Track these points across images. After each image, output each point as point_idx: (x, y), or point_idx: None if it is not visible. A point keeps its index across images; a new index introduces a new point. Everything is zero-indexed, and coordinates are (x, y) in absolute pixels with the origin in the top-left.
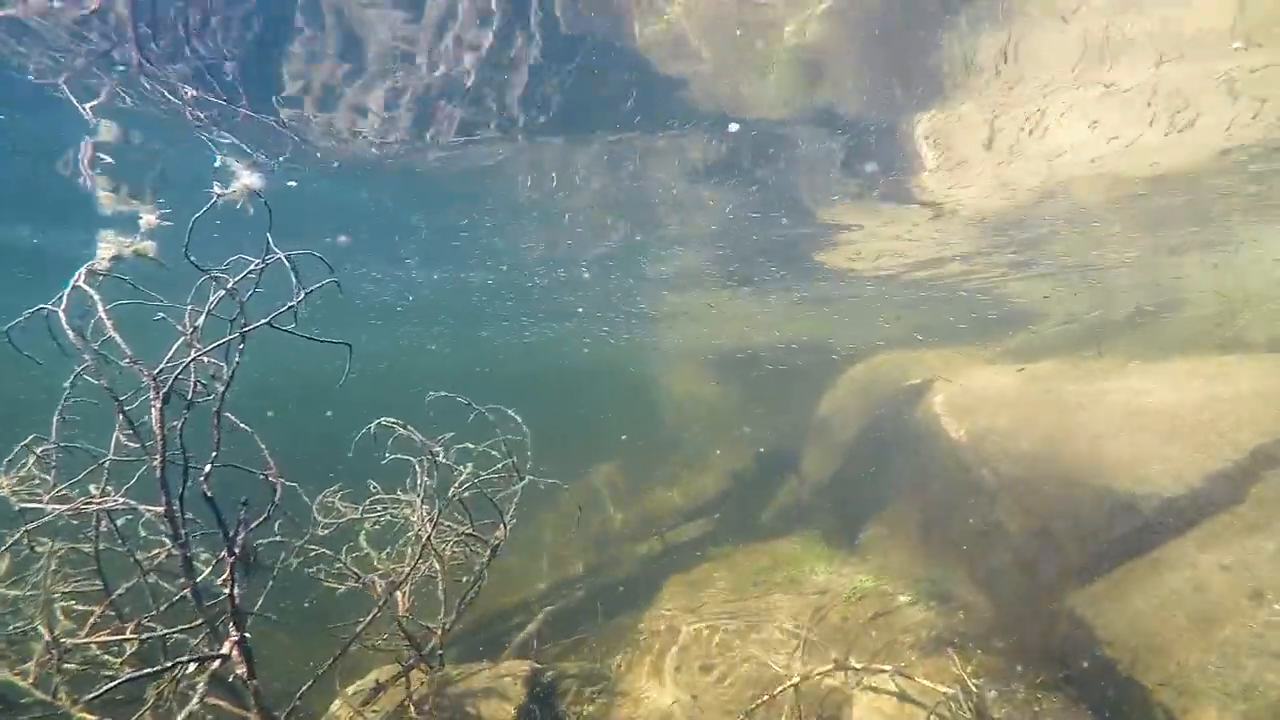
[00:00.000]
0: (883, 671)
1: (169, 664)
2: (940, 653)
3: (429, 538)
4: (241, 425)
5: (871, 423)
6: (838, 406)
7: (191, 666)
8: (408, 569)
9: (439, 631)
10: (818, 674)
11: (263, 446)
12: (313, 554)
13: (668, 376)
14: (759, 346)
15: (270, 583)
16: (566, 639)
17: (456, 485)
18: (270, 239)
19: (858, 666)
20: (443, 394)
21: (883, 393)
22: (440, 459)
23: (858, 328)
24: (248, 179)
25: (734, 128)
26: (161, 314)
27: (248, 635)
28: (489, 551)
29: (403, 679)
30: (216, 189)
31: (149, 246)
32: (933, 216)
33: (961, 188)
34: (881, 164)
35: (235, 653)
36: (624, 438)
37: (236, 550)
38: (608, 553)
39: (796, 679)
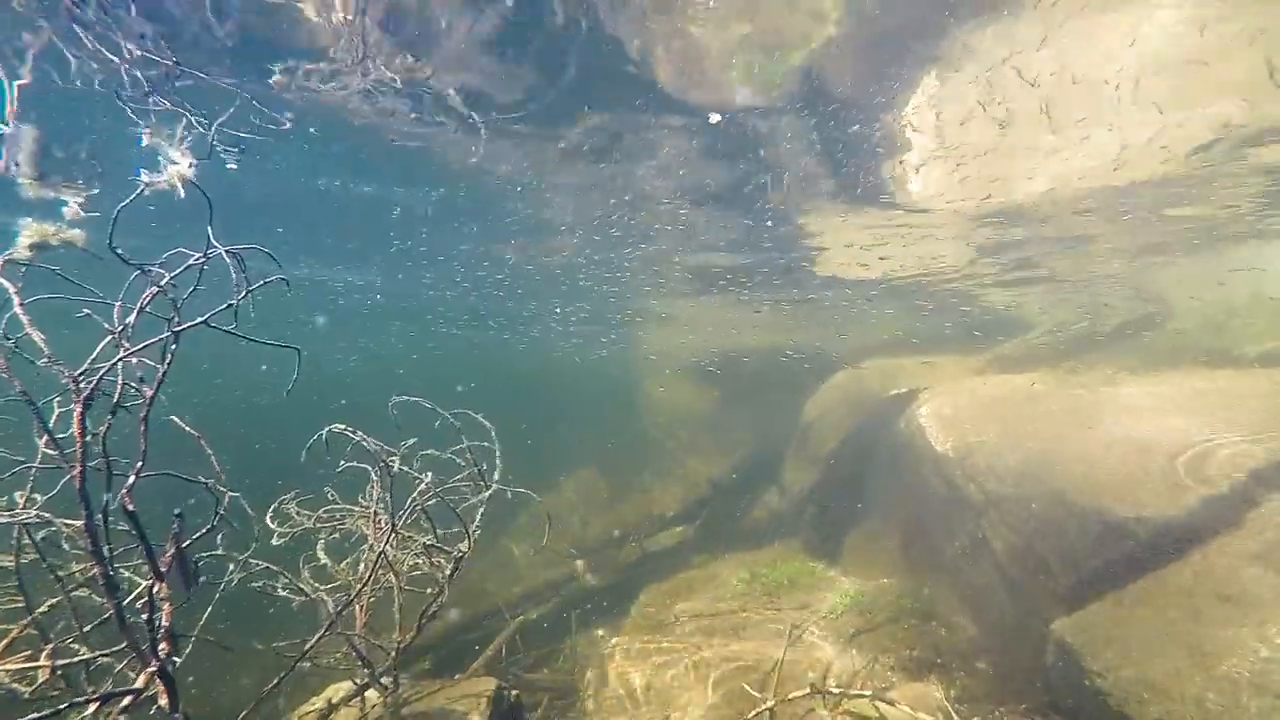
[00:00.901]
0: (862, 697)
1: (64, 705)
2: (922, 675)
3: (381, 552)
4: (189, 431)
5: (854, 432)
6: (820, 414)
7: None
8: (359, 585)
9: (393, 651)
10: (794, 697)
11: (210, 453)
12: (259, 568)
13: (648, 382)
14: (740, 351)
15: (215, 598)
16: (539, 649)
17: (417, 495)
18: (210, 233)
19: (835, 691)
20: (409, 399)
21: (866, 401)
22: (402, 468)
23: (841, 333)
24: (181, 165)
25: (715, 118)
26: (87, 310)
27: (176, 660)
28: (452, 565)
29: (357, 698)
30: (145, 177)
31: (78, 235)
32: (916, 214)
33: (951, 188)
34: (865, 159)
35: (155, 682)
36: (610, 445)
37: (162, 568)
38: (583, 560)
39: (771, 703)
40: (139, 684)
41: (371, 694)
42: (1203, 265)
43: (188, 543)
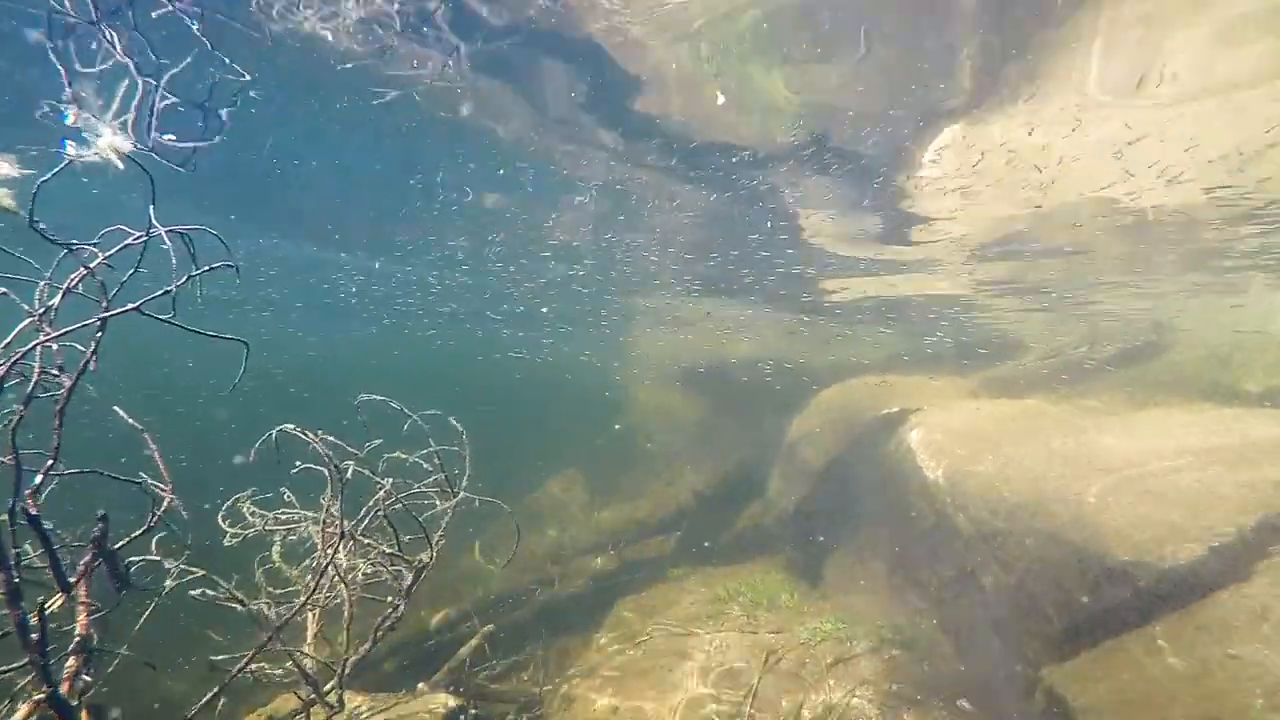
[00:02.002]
0: None
1: None
2: (902, 711)
3: (329, 563)
4: (135, 425)
5: (843, 451)
6: (808, 431)
7: None
8: (304, 597)
9: (339, 669)
10: None
11: (153, 449)
12: (196, 575)
13: (636, 388)
14: (729, 361)
15: (153, 605)
16: (509, 658)
17: (376, 501)
18: (152, 211)
19: None
20: (376, 398)
21: (856, 420)
22: (365, 471)
23: (832, 347)
24: (113, 137)
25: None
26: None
27: (87, 678)
28: (412, 575)
29: (300, 715)
30: (71, 149)
31: (3, 195)
32: (922, 240)
33: (961, 210)
34: (877, 190)
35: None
36: (598, 442)
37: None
38: (561, 566)
39: None
40: (20, 713)
41: (317, 710)
42: (1207, 296)
43: (121, 544)
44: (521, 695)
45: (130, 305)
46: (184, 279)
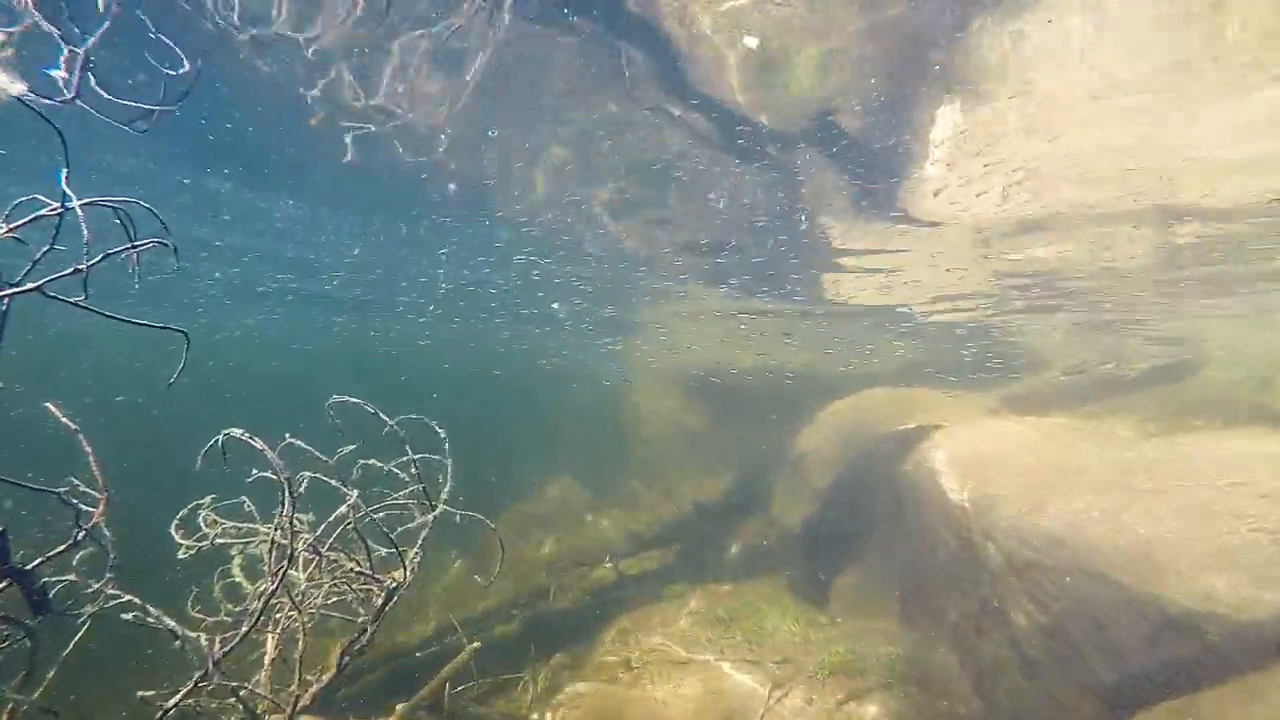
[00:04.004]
0: None
1: None
2: None
3: (276, 588)
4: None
5: (851, 468)
6: (816, 445)
7: None
8: (248, 625)
9: (290, 709)
10: None
11: (89, 453)
12: (122, 600)
13: (636, 395)
14: (733, 369)
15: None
16: (495, 677)
17: (342, 515)
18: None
19: None
20: (350, 400)
21: (866, 435)
22: (336, 482)
23: (843, 357)
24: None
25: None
26: None
27: None
28: (383, 597)
29: None
30: None
31: None
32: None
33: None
34: (885, 174)
35: None
36: (592, 457)
37: None
38: (555, 578)
39: None
40: None
41: None
42: (1243, 309)
43: (37, 562)
44: (515, 716)
45: (32, 284)
46: (98, 258)
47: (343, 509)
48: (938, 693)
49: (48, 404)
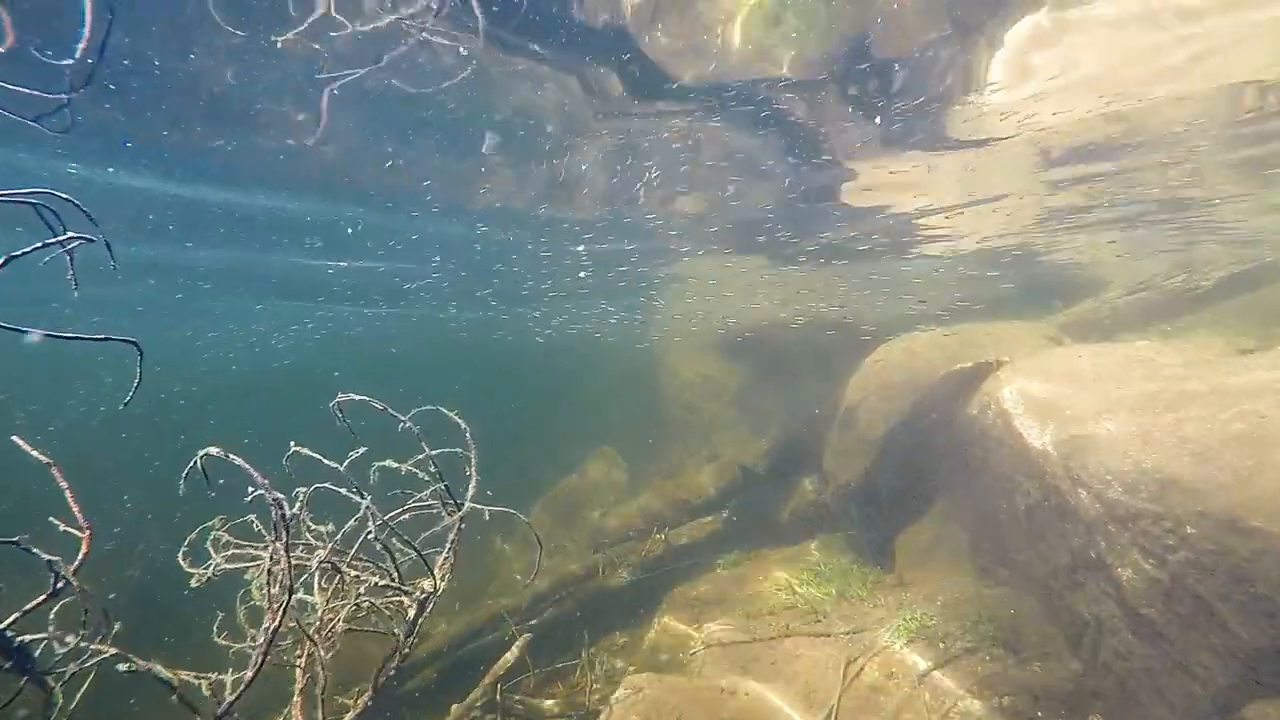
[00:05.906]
0: None
1: None
2: None
3: (275, 628)
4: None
5: (907, 416)
6: (865, 395)
7: None
8: (252, 671)
9: None
10: None
11: (65, 486)
12: (107, 654)
13: (672, 356)
14: (775, 321)
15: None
16: (549, 665)
17: (352, 528)
18: None
19: None
20: (357, 398)
21: (923, 380)
22: (350, 492)
23: (886, 298)
24: None
25: None
26: None
27: None
28: (415, 607)
29: None
30: None
31: None
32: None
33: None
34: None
35: None
36: (632, 426)
37: None
38: (602, 555)
39: None
40: None
41: None
42: None
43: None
44: (569, 711)
45: None
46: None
47: (352, 522)
48: (1031, 654)
49: (13, 437)
